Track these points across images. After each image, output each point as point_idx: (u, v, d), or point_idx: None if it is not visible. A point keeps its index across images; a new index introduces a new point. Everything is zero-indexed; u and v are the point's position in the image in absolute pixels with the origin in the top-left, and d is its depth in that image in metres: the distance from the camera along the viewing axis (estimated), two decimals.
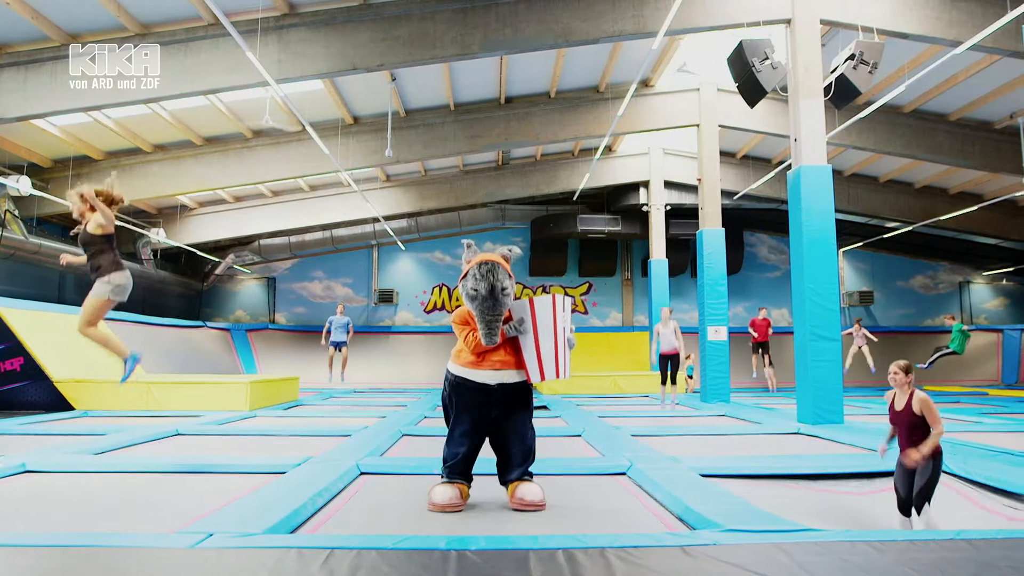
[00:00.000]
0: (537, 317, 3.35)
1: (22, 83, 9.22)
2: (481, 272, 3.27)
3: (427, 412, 9.18)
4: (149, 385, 9.82)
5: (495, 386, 3.36)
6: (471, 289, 3.27)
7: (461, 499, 3.37)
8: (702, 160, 13.05)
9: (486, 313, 3.24)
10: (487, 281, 3.24)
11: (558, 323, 3.37)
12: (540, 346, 3.34)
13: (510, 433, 3.45)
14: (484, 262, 3.31)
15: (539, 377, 3.36)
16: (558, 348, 3.35)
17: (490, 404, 3.39)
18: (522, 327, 3.35)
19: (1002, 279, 21.49)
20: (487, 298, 3.22)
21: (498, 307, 3.26)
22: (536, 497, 3.34)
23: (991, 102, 12.33)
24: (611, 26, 9.39)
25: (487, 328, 3.25)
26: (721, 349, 12.01)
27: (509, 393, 3.40)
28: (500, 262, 3.36)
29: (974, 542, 2.68)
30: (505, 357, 3.39)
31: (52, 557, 2.56)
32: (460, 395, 3.42)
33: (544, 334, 3.33)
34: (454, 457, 3.42)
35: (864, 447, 5.95)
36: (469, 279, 3.30)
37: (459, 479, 3.45)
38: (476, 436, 3.45)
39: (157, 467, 4.78)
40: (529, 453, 3.49)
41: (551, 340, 3.34)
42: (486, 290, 3.22)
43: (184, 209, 16.95)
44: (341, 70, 9.46)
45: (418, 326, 20.38)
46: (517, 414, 3.45)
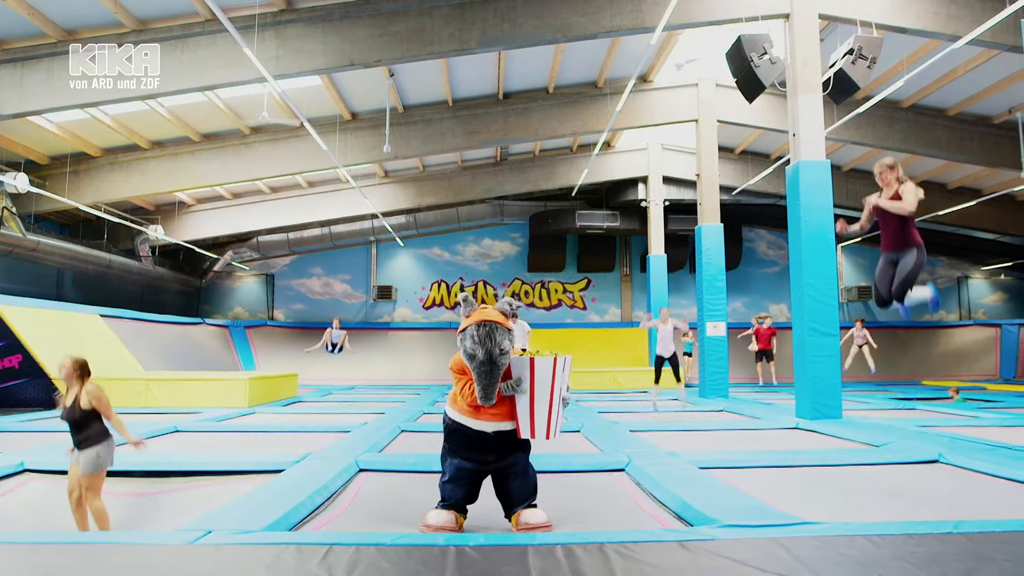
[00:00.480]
0: (536, 378, 3.30)
1: (19, 79, 9.19)
2: (479, 336, 3.20)
3: (426, 408, 9.19)
4: (148, 382, 9.82)
5: (492, 433, 3.35)
6: (469, 350, 3.23)
7: (456, 525, 3.34)
8: (701, 155, 13.04)
9: (483, 377, 3.21)
10: (484, 347, 3.18)
11: (556, 385, 3.33)
12: (535, 407, 3.30)
13: (511, 475, 3.41)
14: (482, 323, 3.22)
15: (529, 435, 3.34)
16: (552, 411, 3.33)
17: (488, 449, 3.37)
18: (519, 387, 3.30)
19: (1000, 274, 21.51)
20: (484, 363, 3.19)
21: (495, 371, 3.22)
22: (540, 519, 3.30)
23: (989, 97, 12.32)
24: (609, 21, 9.36)
25: (484, 391, 3.22)
26: (720, 344, 12.01)
27: (506, 439, 3.38)
28: (499, 321, 3.29)
29: (971, 536, 2.69)
30: (501, 410, 3.35)
31: (51, 554, 2.56)
32: (458, 440, 3.41)
33: (540, 395, 3.30)
34: (454, 497, 3.38)
35: (863, 442, 5.96)
36: (467, 339, 3.24)
37: (456, 511, 3.41)
38: (475, 477, 3.41)
39: (155, 465, 4.77)
40: (532, 490, 3.45)
41: (546, 403, 3.31)
42: (484, 356, 3.18)
43: (182, 206, 16.92)
44: (339, 66, 9.44)
45: (417, 322, 20.38)
46: (515, 457, 3.43)
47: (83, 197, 13.19)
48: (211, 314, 20.13)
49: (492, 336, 3.20)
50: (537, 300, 20.74)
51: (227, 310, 20.40)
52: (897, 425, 7.02)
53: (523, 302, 16.00)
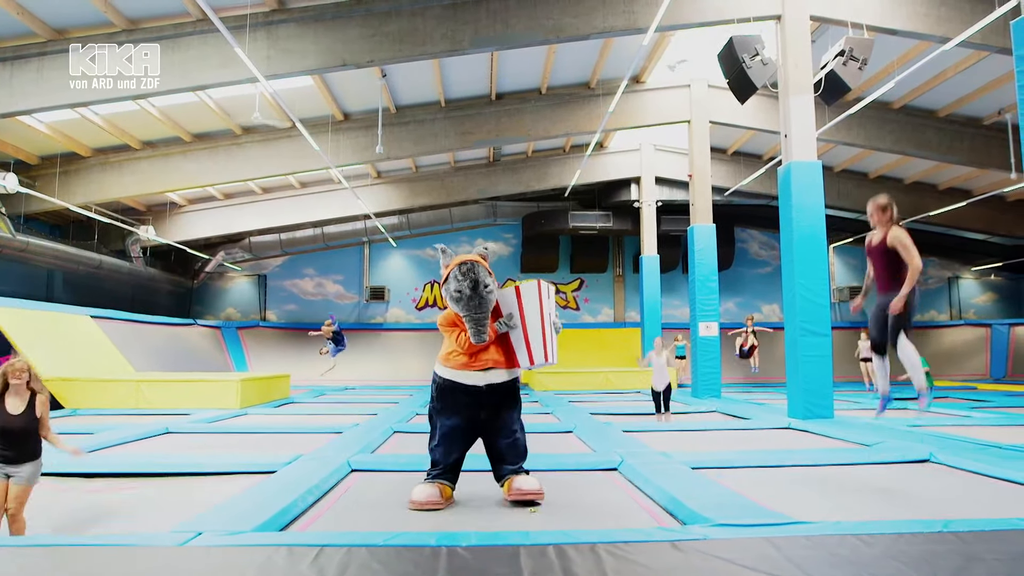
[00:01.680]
0: (524, 305, 3.36)
1: (7, 79, 9.13)
2: (462, 272, 3.27)
3: (418, 409, 9.17)
4: (139, 383, 9.77)
5: (484, 387, 3.36)
6: (454, 291, 3.26)
7: (442, 499, 3.35)
8: (693, 156, 13.07)
9: (473, 312, 3.23)
10: (469, 279, 3.23)
11: (544, 308, 3.38)
12: (528, 334, 3.35)
13: (501, 433, 3.45)
14: (463, 262, 3.31)
15: (529, 364, 3.37)
16: (545, 333, 3.37)
17: (480, 405, 3.38)
18: (511, 322, 3.35)
19: (991, 274, 21.65)
20: (472, 296, 3.22)
21: (484, 304, 3.26)
22: (533, 487, 3.34)
23: (980, 98, 12.40)
24: (602, 22, 9.38)
25: (476, 327, 3.24)
26: (712, 345, 12.04)
27: (497, 393, 3.40)
28: (478, 260, 3.35)
29: (961, 535, 2.70)
30: (496, 356, 3.38)
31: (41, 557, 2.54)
32: (449, 397, 3.41)
33: (532, 321, 3.34)
34: (445, 459, 3.40)
35: (854, 441, 5.99)
36: (451, 281, 3.28)
37: (443, 480, 3.43)
38: (466, 438, 3.44)
39: (146, 466, 4.75)
40: (522, 450, 3.49)
41: (539, 326, 3.35)
42: (469, 288, 3.22)
43: (173, 206, 16.84)
44: (331, 66, 9.41)
45: (410, 323, 20.36)
46: (507, 413, 3.45)
47: (73, 197, 13.11)
48: (203, 315, 20.04)
49: (475, 270, 3.28)
50: None
51: (219, 311, 20.31)
52: (888, 425, 7.05)
53: None
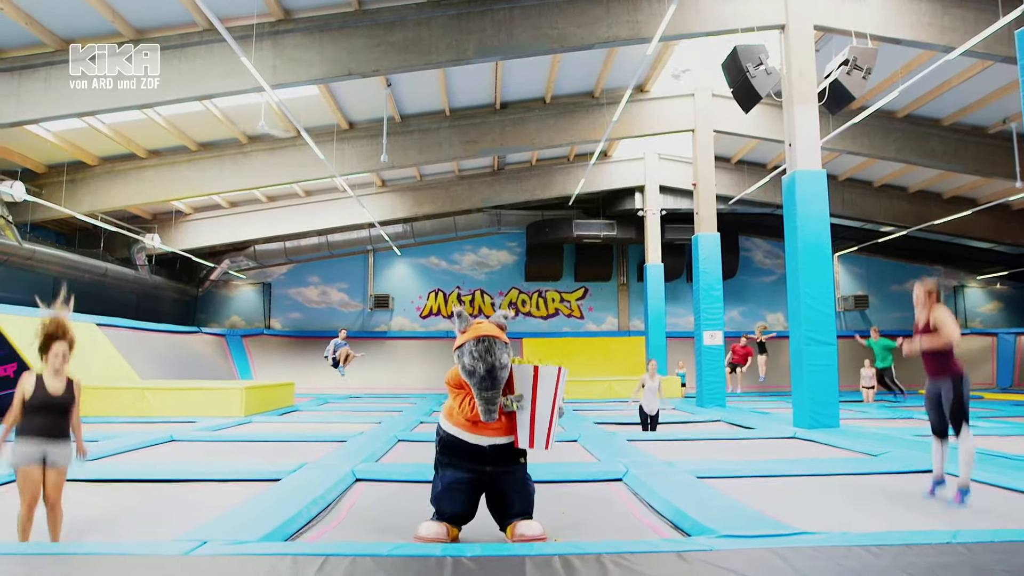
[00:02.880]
0: (538, 391, 3.24)
1: (16, 88, 9.20)
2: (478, 351, 3.12)
3: (423, 417, 9.16)
4: (144, 391, 9.78)
5: (487, 447, 3.29)
6: (468, 366, 3.16)
7: (448, 537, 3.27)
8: (697, 165, 13.08)
9: (484, 392, 3.14)
10: (485, 362, 3.11)
11: (557, 397, 3.29)
12: (536, 420, 3.23)
13: (508, 486, 3.33)
14: (481, 339, 3.15)
15: (528, 445, 3.28)
16: (552, 423, 3.29)
17: (483, 461, 3.30)
18: (521, 403, 3.24)
19: (996, 283, 21.57)
20: (485, 379, 3.12)
21: (496, 386, 3.15)
22: (536, 531, 3.22)
23: (984, 107, 12.40)
24: (606, 32, 9.41)
25: (486, 407, 3.15)
26: (717, 354, 12.01)
27: (502, 451, 3.32)
28: (497, 335, 3.23)
29: (970, 546, 2.68)
30: (499, 424, 3.29)
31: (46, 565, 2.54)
32: (453, 453, 3.33)
33: (541, 408, 3.24)
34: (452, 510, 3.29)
35: (860, 451, 5.96)
36: (466, 355, 3.16)
37: (450, 523, 3.33)
38: (471, 489, 3.32)
39: (151, 474, 4.75)
40: (530, 504, 3.39)
41: (548, 415, 3.25)
42: (484, 371, 3.12)
43: (179, 214, 16.91)
44: (336, 76, 9.46)
45: (414, 331, 20.36)
46: (513, 466, 3.36)
47: (80, 206, 13.18)
48: (207, 323, 20.08)
49: (492, 351, 3.13)
50: (534, 309, 20.73)
51: (224, 319, 20.35)
52: (894, 435, 7.02)
53: (520, 311, 15.84)
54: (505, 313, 3.44)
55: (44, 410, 3.26)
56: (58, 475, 3.23)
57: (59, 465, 3.25)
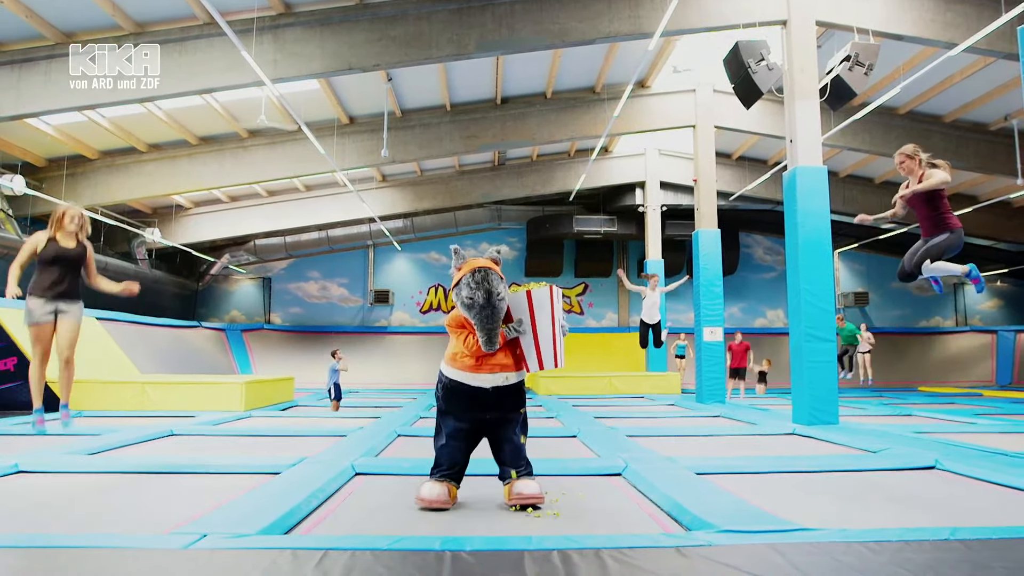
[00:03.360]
0: (535, 311, 3.35)
1: (16, 82, 9.18)
2: (476, 280, 3.22)
3: (422, 412, 9.17)
4: (144, 385, 9.79)
5: (490, 389, 3.36)
6: (466, 298, 3.23)
7: (449, 498, 3.38)
8: (698, 161, 13.06)
9: (485, 321, 3.21)
10: (483, 289, 3.20)
11: (555, 314, 3.38)
12: (539, 339, 3.35)
13: (505, 435, 3.46)
14: (477, 269, 3.26)
15: (538, 367, 3.38)
16: (556, 339, 3.37)
17: (485, 407, 3.38)
18: (521, 327, 3.34)
19: (996, 280, 21.57)
20: (485, 307, 3.19)
21: (496, 314, 3.24)
22: (533, 491, 3.34)
23: (985, 104, 12.38)
24: (607, 27, 9.39)
25: (487, 336, 3.22)
26: (717, 350, 12.01)
27: (503, 395, 3.40)
28: (492, 267, 3.33)
29: (968, 542, 2.68)
30: (503, 360, 3.38)
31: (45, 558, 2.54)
32: (455, 398, 3.41)
33: (542, 326, 3.34)
34: (450, 460, 3.41)
35: (859, 448, 5.96)
36: (463, 288, 3.25)
37: (450, 480, 3.44)
38: (472, 439, 3.45)
39: (151, 467, 4.75)
40: (524, 453, 3.50)
41: (550, 331, 3.35)
42: (483, 299, 3.19)
43: (179, 209, 16.90)
44: (337, 70, 9.45)
45: (414, 326, 20.37)
46: (512, 415, 3.46)
47: (80, 200, 13.17)
48: (208, 317, 20.09)
49: (488, 279, 3.24)
50: None
51: (224, 313, 20.36)
52: (893, 431, 7.02)
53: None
54: (497, 248, 3.55)
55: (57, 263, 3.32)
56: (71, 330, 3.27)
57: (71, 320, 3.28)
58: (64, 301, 3.27)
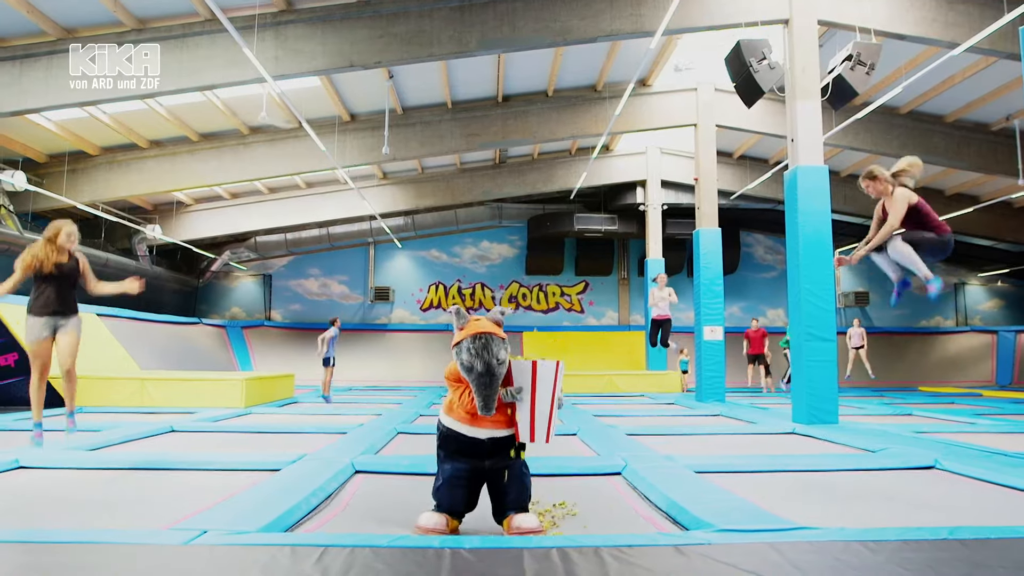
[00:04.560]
0: (537, 382, 3.31)
1: (17, 77, 9.18)
2: (475, 348, 3.20)
3: (423, 410, 9.17)
4: (144, 381, 9.80)
5: (486, 440, 3.36)
6: (465, 363, 3.23)
7: (448, 528, 3.34)
8: (699, 160, 13.06)
9: (482, 388, 3.20)
10: (482, 359, 3.19)
11: (556, 390, 3.35)
12: (536, 413, 3.30)
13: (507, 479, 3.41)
14: (478, 336, 3.21)
15: (529, 439, 3.35)
16: (551, 416, 3.34)
17: (482, 455, 3.38)
18: (520, 395, 3.31)
19: (997, 280, 21.57)
20: (483, 375, 3.19)
21: (494, 382, 3.22)
22: (533, 524, 3.30)
23: (987, 104, 12.37)
24: (609, 25, 9.38)
25: (484, 401, 3.22)
26: (717, 349, 12.01)
27: (501, 444, 3.39)
28: (493, 331, 3.30)
29: (967, 542, 2.69)
30: (498, 418, 3.36)
31: (44, 553, 2.55)
32: (452, 446, 3.41)
33: (541, 402, 3.30)
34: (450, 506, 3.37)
35: (859, 447, 5.97)
36: (463, 352, 3.24)
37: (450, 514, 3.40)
38: (471, 485, 3.40)
39: (151, 464, 4.76)
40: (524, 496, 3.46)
41: (547, 407, 3.32)
42: (482, 368, 3.19)
43: (180, 205, 16.91)
44: (338, 67, 9.44)
45: (414, 324, 20.38)
46: (511, 461, 3.44)
47: (81, 196, 13.18)
48: (208, 314, 20.10)
49: (488, 348, 3.19)
50: (535, 303, 20.74)
51: (224, 310, 20.37)
52: (893, 431, 7.03)
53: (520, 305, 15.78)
54: (502, 309, 3.50)
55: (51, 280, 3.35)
56: (70, 344, 3.32)
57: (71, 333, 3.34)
58: (61, 317, 3.33)
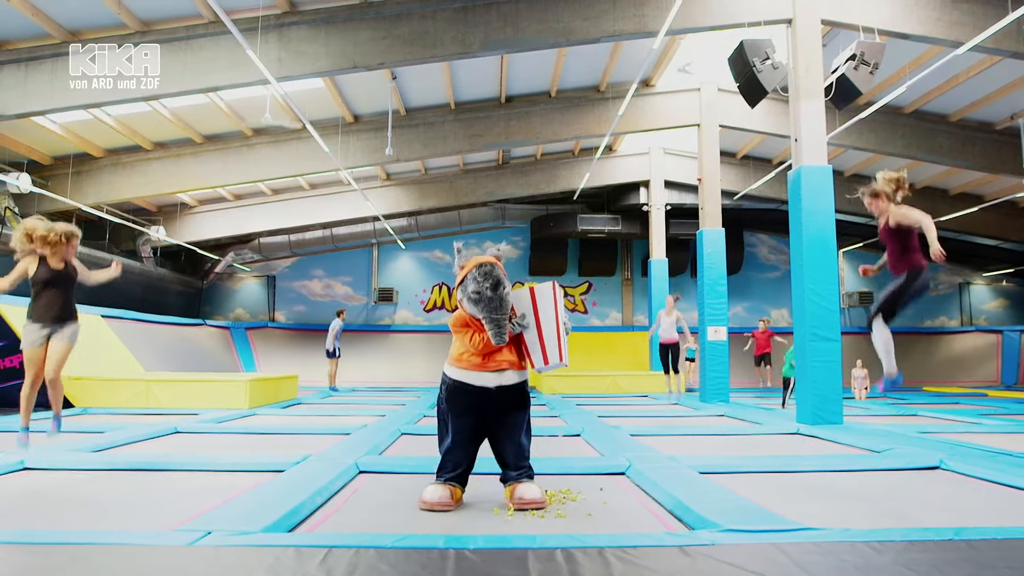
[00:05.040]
0: (539, 306, 3.37)
1: (22, 80, 9.21)
2: (481, 273, 3.27)
3: (426, 411, 9.18)
4: (148, 383, 9.82)
5: (494, 388, 3.36)
6: (473, 292, 3.26)
7: (452, 500, 3.37)
8: (702, 160, 13.05)
9: (493, 312, 3.23)
10: (490, 281, 3.23)
11: (559, 310, 3.40)
12: (543, 335, 3.37)
13: (508, 436, 3.46)
14: (482, 264, 3.31)
15: (543, 364, 3.39)
16: (560, 335, 3.38)
17: (489, 408, 3.39)
18: (525, 321, 3.37)
19: (1002, 280, 21.50)
20: (492, 298, 3.21)
21: (504, 306, 3.28)
22: (535, 495, 3.34)
23: (992, 103, 12.33)
24: (612, 25, 9.38)
25: (496, 328, 3.24)
26: (721, 349, 11.99)
27: (508, 395, 3.40)
28: (496, 262, 3.37)
29: (973, 542, 2.68)
30: (509, 357, 3.40)
31: (50, 554, 2.55)
32: (460, 399, 3.42)
33: (546, 322, 3.36)
34: (454, 463, 3.41)
35: (863, 447, 5.95)
36: (469, 282, 3.28)
37: (454, 483, 3.44)
38: (475, 440, 3.45)
39: (155, 465, 4.77)
40: (521, 453, 3.48)
41: (553, 327, 3.37)
42: (490, 290, 3.21)
43: (184, 207, 16.94)
44: (341, 68, 9.45)
45: (418, 325, 20.38)
46: (516, 415, 3.46)
47: (85, 198, 13.21)
48: (212, 315, 20.14)
49: (494, 271, 3.28)
50: None
51: (228, 311, 20.40)
52: (898, 431, 7.01)
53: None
54: (500, 246, 3.59)
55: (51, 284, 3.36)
56: (60, 351, 3.33)
57: (64, 340, 3.35)
58: (59, 324, 3.36)
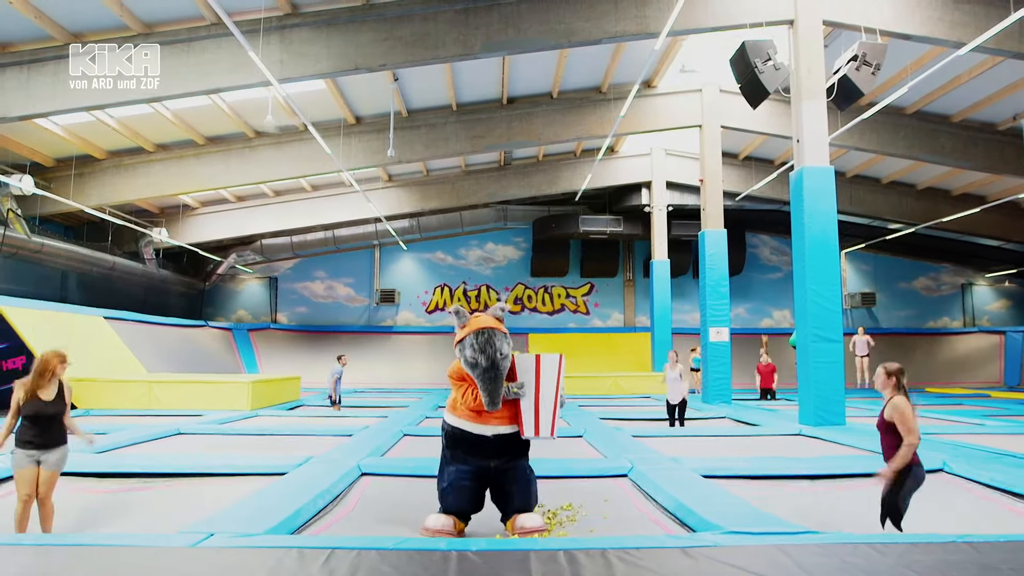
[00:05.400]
0: (541, 375, 3.32)
1: (25, 82, 9.23)
2: (479, 343, 3.22)
3: (428, 412, 9.18)
4: (151, 384, 9.83)
5: (492, 437, 3.35)
6: (470, 359, 3.24)
7: (454, 529, 3.33)
8: (704, 161, 13.04)
9: (488, 383, 3.21)
10: (486, 354, 3.20)
11: (560, 384, 3.36)
12: (540, 406, 3.31)
13: (512, 480, 3.40)
14: (480, 331, 3.25)
15: (533, 434, 3.34)
16: (555, 410, 3.34)
17: (488, 453, 3.37)
18: (523, 391, 3.31)
19: (1005, 281, 21.45)
20: (488, 369, 3.20)
21: (499, 377, 3.24)
22: (536, 523, 3.30)
23: (994, 104, 12.30)
24: (613, 26, 9.37)
25: (489, 396, 3.22)
26: (723, 350, 11.99)
27: (506, 442, 3.38)
28: (495, 326, 3.31)
29: (976, 544, 2.68)
30: (502, 414, 3.35)
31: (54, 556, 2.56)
32: (458, 445, 3.40)
33: (545, 395, 3.32)
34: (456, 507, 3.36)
35: (865, 449, 5.94)
36: (467, 348, 3.25)
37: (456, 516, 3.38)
38: (476, 482, 3.38)
39: (158, 467, 4.78)
40: (530, 497, 3.44)
41: (551, 401, 3.33)
42: (487, 362, 3.20)
43: (186, 208, 16.95)
44: (343, 70, 9.46)
45: (420, 326, 20.38)
46: (517, 460, 3.43)
47: (88, 199, 13.23)
48: (214, 317, 20.15)
49: (492, 342, 3.23)
50: (540, 305, 20.73)
51: (230, 313, 20.42)
52: None
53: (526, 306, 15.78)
54: (501, 305, 3.54)
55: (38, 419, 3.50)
56: (50, 476, 3.47)
57: (51, 468, 3.48)
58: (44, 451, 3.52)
